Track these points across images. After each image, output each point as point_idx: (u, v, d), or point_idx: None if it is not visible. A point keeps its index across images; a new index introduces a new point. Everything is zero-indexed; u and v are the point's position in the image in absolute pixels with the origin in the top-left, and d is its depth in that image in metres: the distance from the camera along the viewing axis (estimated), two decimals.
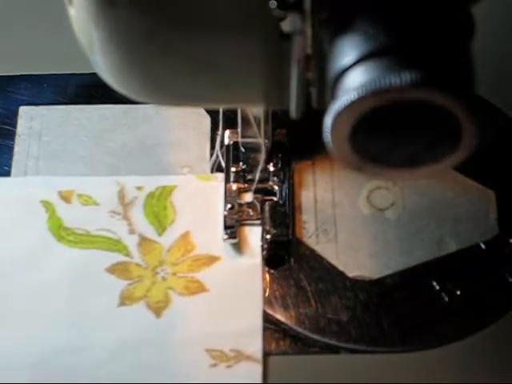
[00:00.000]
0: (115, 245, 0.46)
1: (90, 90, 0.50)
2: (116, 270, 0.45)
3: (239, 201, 0.46)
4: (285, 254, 0.45)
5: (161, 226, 0.46)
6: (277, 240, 0.45)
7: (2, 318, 0.44)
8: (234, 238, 0.45)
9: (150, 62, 0.36)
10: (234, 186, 0.46)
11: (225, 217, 0.45)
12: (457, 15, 0.31)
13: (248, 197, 0.46)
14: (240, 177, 0.47)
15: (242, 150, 0.47)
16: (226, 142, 0.47)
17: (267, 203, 0.46)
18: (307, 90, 0.35)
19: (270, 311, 0.43)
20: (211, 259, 0.45)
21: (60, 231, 0.46)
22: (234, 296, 0.44)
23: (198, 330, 0.43)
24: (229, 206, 0.45)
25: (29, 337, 0.43)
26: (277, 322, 0.43)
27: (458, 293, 0.44)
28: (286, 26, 0.32)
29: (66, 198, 0.47)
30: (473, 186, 0.46)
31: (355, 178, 0.47)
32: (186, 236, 0.46)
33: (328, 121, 0.30)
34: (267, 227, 0.45)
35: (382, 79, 0.29)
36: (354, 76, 0.29)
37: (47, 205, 0.47)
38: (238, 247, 0.45)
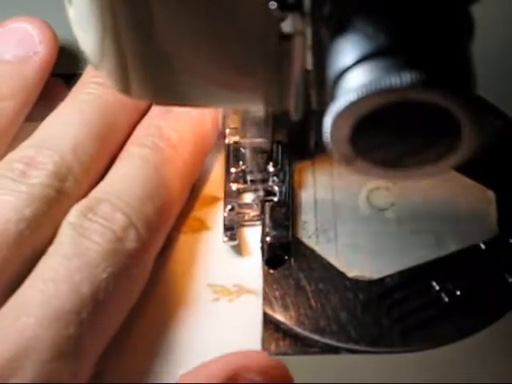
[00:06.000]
0: None
1: None
2: None
3: (239, 201, 0.46)
4: (285, 254, 0.45)
5: None
6: (277, 241, 0.45)
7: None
8: (234, 240, 0.45)
9: (152, 63, 0.36)
10: (234, 187, 0.46)
11: (224, 218, 0.45)
12: (456, 15, 0.31)
13: (248, 197, 0.46)
14: (240, 177, 0.46)
15: (242, 150, 0.47)
16: (226, 142, 0.47)
17: (267, 204, 0.46)
18: (307, 90, 0.35)
19: (269, 311, 0.43)
20: (213, 199, 0.46)
21: None
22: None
23: (201, 266, 0.44)
24: (229, 206, 0.45)
25: None
26: (277, 322, 0.43)
27: (458, 293, 0.44)
28: (286, 26, 0.32)
29: None
30: (473, 186, 0.46)
31: (355, 178, 0.46)
32: None
33: (328, 121, 0.30)
34: (267, 228, 0.45)
35: (382, 80, 0.29)
36: (354, 76, 0.30)
37: None
38: (238, 248, 0.45)
